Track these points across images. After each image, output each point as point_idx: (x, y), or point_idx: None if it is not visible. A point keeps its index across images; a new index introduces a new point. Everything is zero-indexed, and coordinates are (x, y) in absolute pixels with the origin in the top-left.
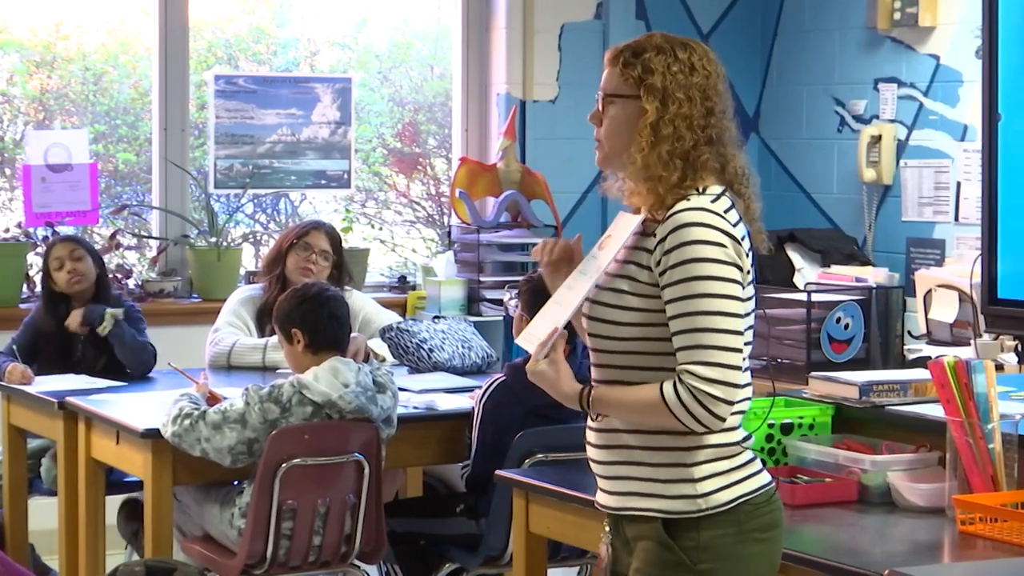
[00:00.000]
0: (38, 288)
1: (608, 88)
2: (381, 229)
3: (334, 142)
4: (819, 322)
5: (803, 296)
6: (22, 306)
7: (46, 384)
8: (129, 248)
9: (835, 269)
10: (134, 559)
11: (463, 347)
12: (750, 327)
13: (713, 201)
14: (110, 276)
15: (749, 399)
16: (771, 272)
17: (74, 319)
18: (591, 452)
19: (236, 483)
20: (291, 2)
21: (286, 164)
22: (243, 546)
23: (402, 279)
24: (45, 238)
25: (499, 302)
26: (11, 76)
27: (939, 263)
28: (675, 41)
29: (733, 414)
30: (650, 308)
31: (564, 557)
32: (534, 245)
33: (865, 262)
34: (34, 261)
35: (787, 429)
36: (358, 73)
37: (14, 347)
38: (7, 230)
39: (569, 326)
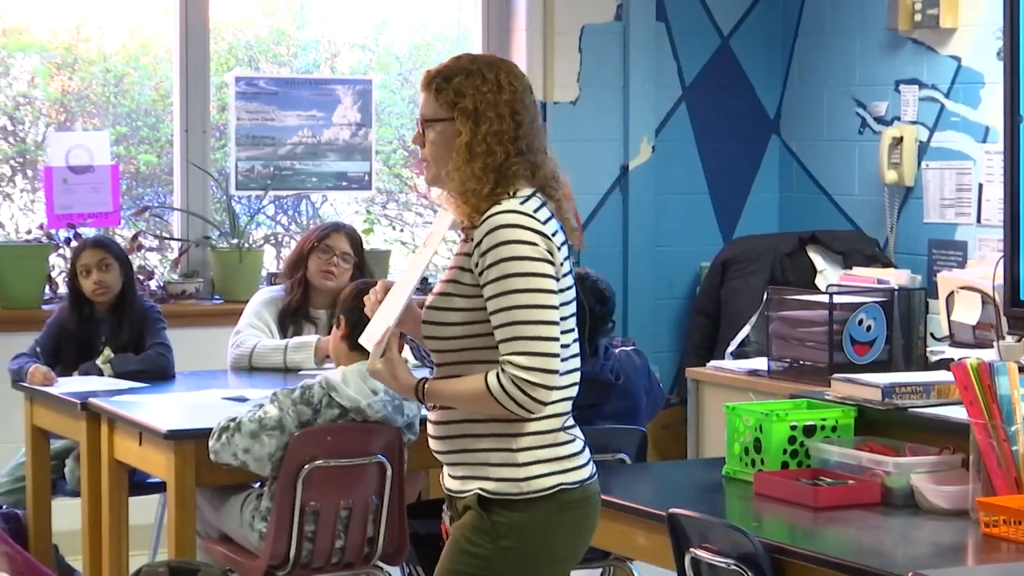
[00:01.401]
0: (61, 289)
1: (426, 113)
2: (402, 231)
3: (355, 144)
4: (841, 324)
5: (825, 298)
6: (44, 307)
7: (69, 385)
8: (151, 250)
9: (857, 271)
10: (158, 559)
11: None
12: (573, 315)
13: (523, 203)
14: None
15: (576, 384)
16: (793, 274)
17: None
18: (432, 443)
19: (255, 485)
20: (311, 4)
21: (307, 166)
22: (266, 547)
23: (424, 281)
24: (67, 240)
25: None
26: (32, 78)
27: (961, 265)
28: (482, 62)
29: (558, 400)
30: (474, 307)
31: (587, 559)
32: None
33: (887, 264)
34: (56, 262)
35: (810, 431)
36: (378, 75)
37: (37, 348)
38: (29, 232)
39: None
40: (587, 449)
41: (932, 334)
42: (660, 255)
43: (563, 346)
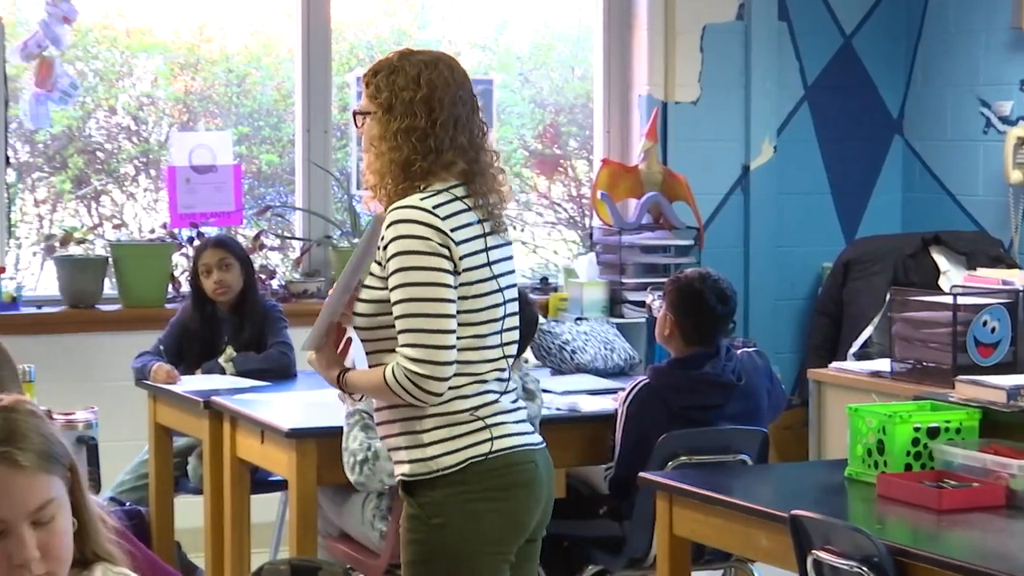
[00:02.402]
0: (183, 288)
1: (362, 108)
2: (523, 231)
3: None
4: (965, 325)
5: (949, 299)
6: (167, 306)
7: (191, 383)
8: (272, 249)
9: (981, 272)
10: (279, 557)
11: (605, 349)
12: (489, 307)
13: (424, 198)
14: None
15: (498, 370)
16: (916, 275)
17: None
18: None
19: None
20: (432, 4)
21: None
22: (387, 546)
23: (544, 280)
24: (190, 239)
25: (641, 304)
26: (155, 78)
27: None
28: (411, 58)
29: (466, 384)
30: (381, 299)
31: (708, 560)
32: (677, 247)
33: (1012, 265)
34: (179, 262)
35: (933, 433)
36: (499, 75)
37: (160, 347)
38: (152, 231)
39: None
40: (509, 426)
41: None
42: (782, 255)
43: (477, 336)
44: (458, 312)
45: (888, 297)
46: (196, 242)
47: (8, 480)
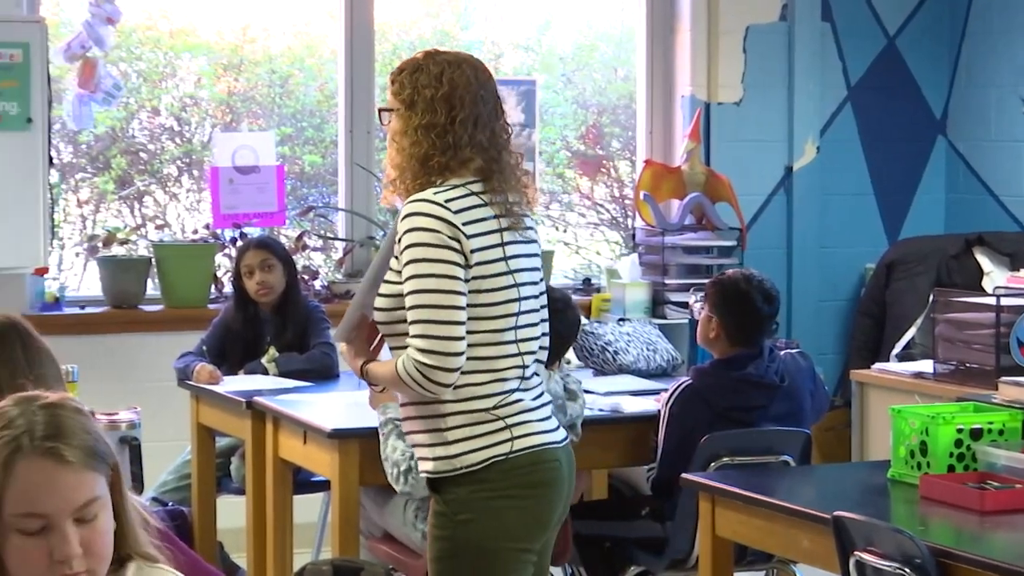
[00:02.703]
0: (226, 289)
1: (388, 105)
2: (565, 231)
3: (518, 144)
4: (1008, 326)
5: (992, 300)
6: (210, 307)
7: (234, 384)
8: (315, 249)
9: None
10: (321, 558)
11: (648, 349)
12: (505, 301)
13: (437, 192)
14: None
15: (515, 367)
16: (959, 276)
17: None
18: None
19: None
20: (475, 5)
21: None
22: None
23: (586, 281)
24: (233, 239)
25: (684, 304)
26: (199, 79)
27: None
28: (436, 58)
29: (485, 383)
30: (396, 293)
31: (751, 561)
32: (720, 248)
33: None
34: (222, 262)
35: (976, 434)
36: (542, 75)
37: (203, 347)
38: (195, 231)
39: None
40: (532, 424)
41: None
42: (824, 256)
43: (494, 331)
44: (473, 306)
45: (931, 298)
46: (239, 243)
47: (54, 475)
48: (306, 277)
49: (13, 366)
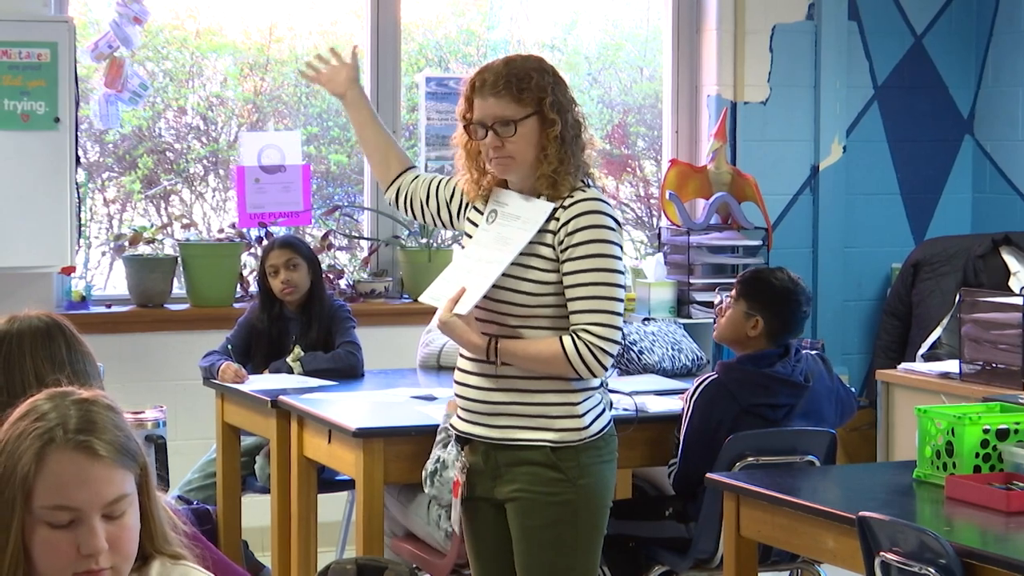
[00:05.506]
0: (252, 288)
1: (509, 114)
2: None
3: None
4: None
5: (1019, 300)
6: (236, 306)
7: (259, 383)
8: (341, 249)
9: None
10: (346, 556)
11: (673, 349)
12: None
13: (603, 192)
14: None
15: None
16: (986, 276)
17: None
18: (470, 392)
19: None
20: (501, 4)
21: None
22: (453, 546)
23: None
24: (259, 238)
25: (709, 304)
26: (225, 79)
27: None
28: (539, 62)
29: None
30: (549, 280)
31: (775, 561)
32: (745, 248)
33: None
34: (247, 261)
35: (1003, 435)
36: (567, 75)
37: (228, 346)
38: (221, 230)
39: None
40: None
41: None
42: (850, 256)
43: None
44: None
45: (957, 298)
46: (264, 242)
47: (86, 468)
48: (331, 276)
49: (55, 364)
